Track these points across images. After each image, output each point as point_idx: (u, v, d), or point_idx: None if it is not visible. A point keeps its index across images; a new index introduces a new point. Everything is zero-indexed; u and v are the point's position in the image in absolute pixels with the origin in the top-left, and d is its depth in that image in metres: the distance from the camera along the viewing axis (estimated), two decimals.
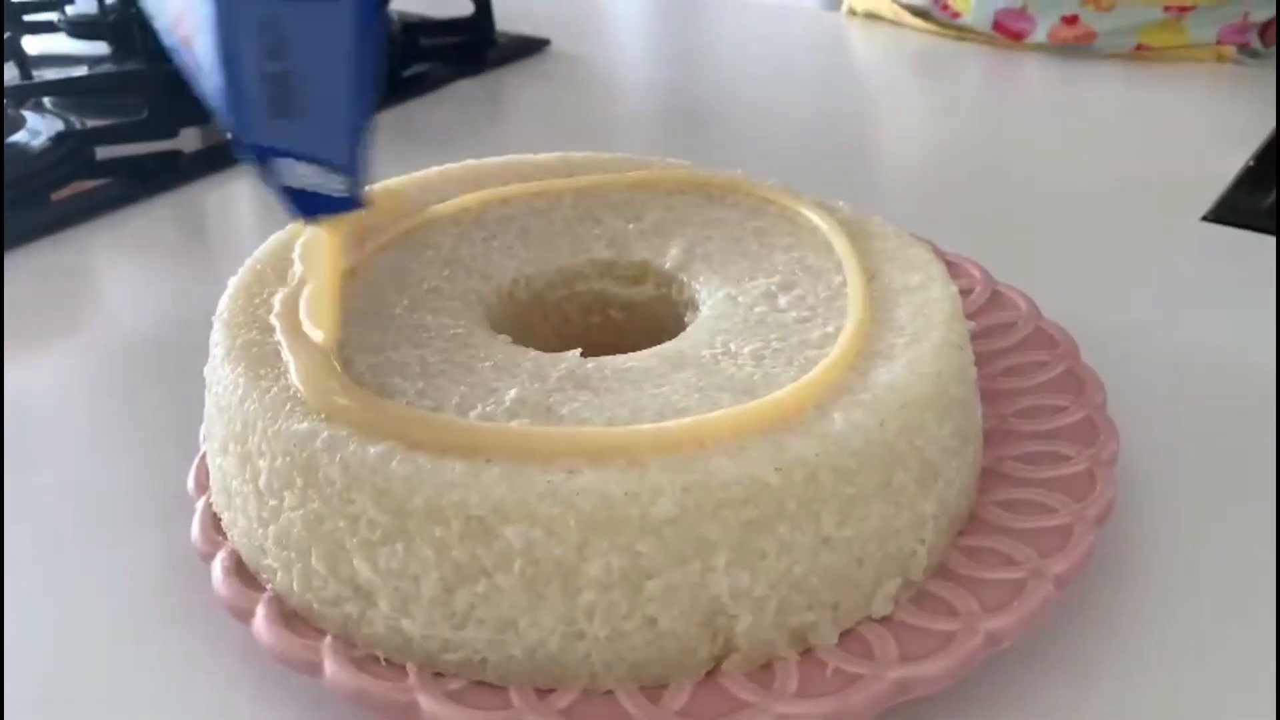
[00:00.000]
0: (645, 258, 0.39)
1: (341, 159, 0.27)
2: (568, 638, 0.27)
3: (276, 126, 0.26)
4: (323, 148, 0.27)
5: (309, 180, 0.27)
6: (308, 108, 0.26)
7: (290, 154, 0.27)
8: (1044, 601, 0.28)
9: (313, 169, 0.27)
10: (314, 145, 0.27)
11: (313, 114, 0.26)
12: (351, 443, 0.27)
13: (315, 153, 0.27)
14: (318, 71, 0.26)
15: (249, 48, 0.25)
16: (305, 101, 0.26)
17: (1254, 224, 0.52)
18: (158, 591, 0.34)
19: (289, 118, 0.26)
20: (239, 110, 0.26)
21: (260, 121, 0.26)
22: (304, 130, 0.26)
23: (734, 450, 0.27)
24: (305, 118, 0.26)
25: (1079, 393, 0.36)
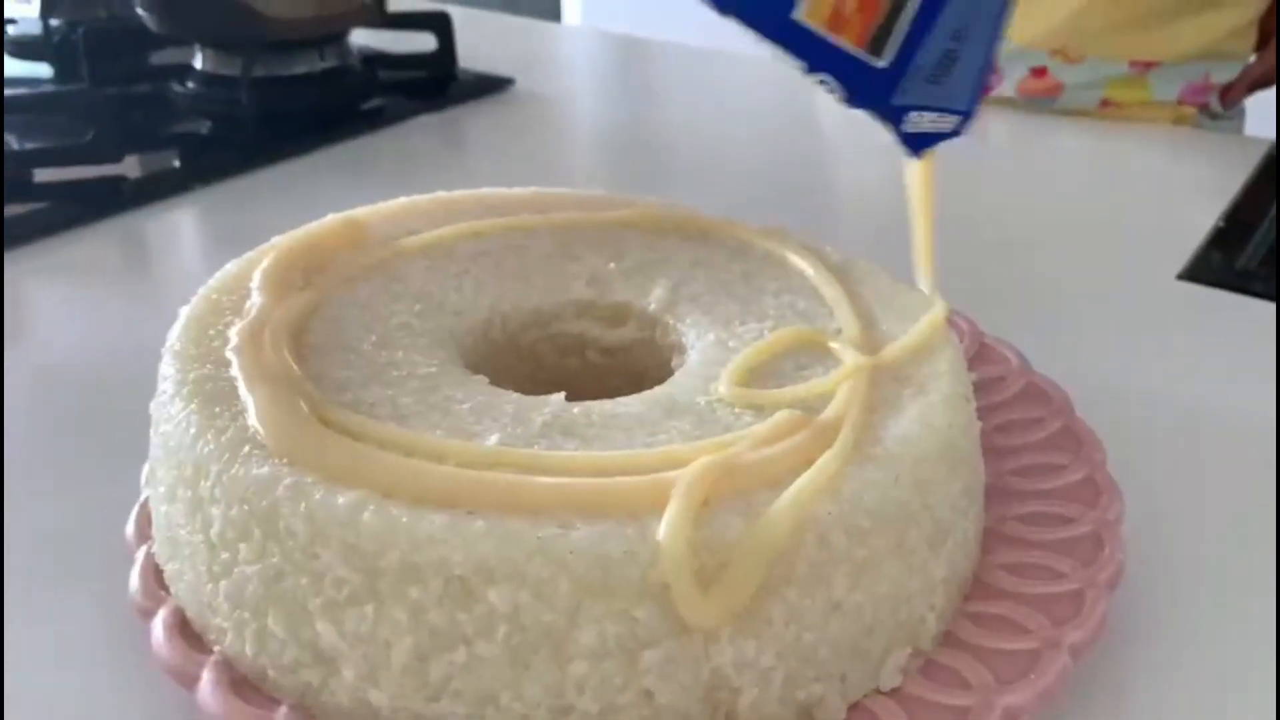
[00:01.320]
0: (627, 298, 0.37)
1: (965, 108, 0.34)
2: (555, 713, 0.24)
3: (927, 89, 0.32)
4: (953, 102, 0.33)
5: (927, 124, 0.33)
6: (958, 75, 0.33)
7: (924, 108, 0.33)
8: (1061, 674, 0.27)
9: (934, 115, 0.33)
10: (946, 100, 0.33)
11: (959, 78, 0.33)
12: (318, 490, 0.25)
13: (945, 105, 0.33)
14: (974, 48, 0.33)
15: (946, 32, 0.32)
16: (959, 70, 0.32)
17: (1227, 284, 0.52)
18: (90, 651, 0.30)
19: (939, 83, 0.32)
20: (901, 80, 0.32)
21: (916, 87, 0.32)
22: (945, 91, 0.33)
23: (741, 507, 0.25)
24: (952, 82, 0.33)
25: (1077, 451, 0.35)
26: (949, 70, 0.32)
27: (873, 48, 0.31)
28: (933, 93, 0.33)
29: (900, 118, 0.33)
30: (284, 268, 0.34)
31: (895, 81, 0.32)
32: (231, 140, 0.70)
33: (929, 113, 0.33)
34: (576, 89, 0.91)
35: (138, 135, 0.69)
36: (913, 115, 0.33)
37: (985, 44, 0.33)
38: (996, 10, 0.33)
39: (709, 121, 0.80)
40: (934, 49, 0.32)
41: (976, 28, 0.32)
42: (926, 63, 0.32)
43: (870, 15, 0.31)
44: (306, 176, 0.67)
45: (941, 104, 0.33)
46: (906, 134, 0.34)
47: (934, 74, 0.32)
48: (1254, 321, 0.49)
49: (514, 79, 0.82)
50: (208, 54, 0.75)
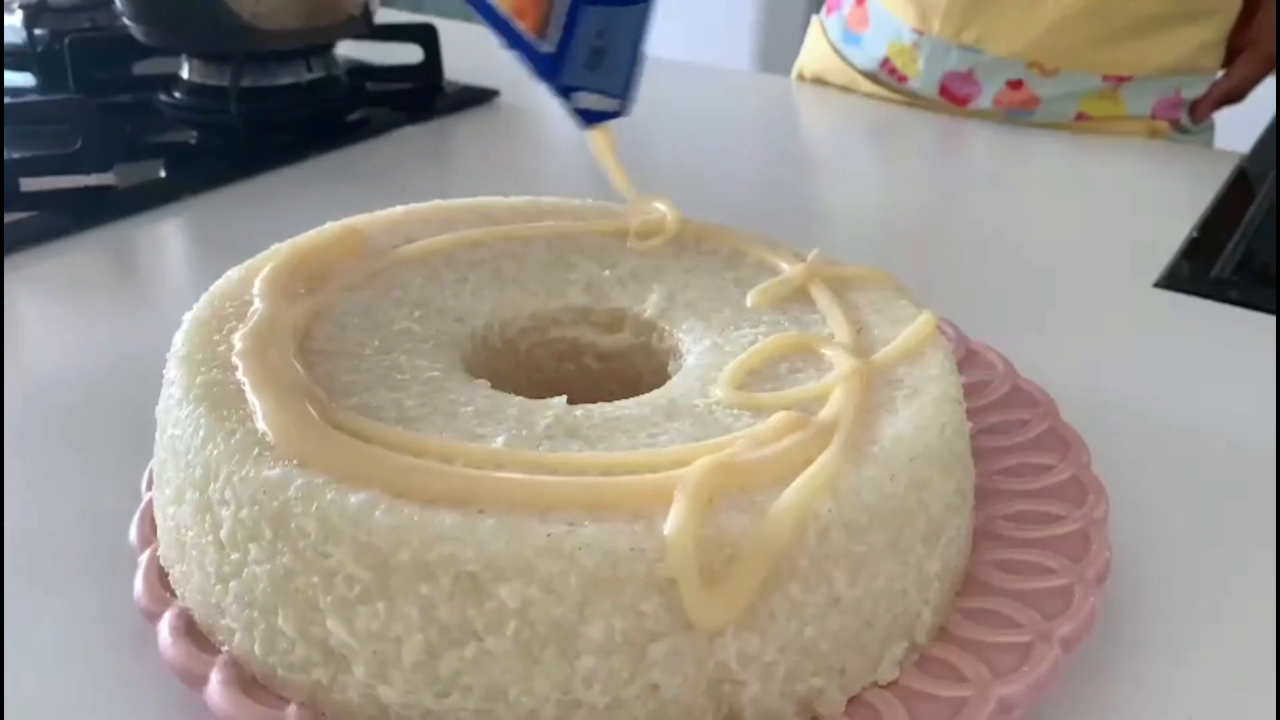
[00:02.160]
0: (623, 305, 0.37)
1: (620, 93, 0.41)
2: (563, 707, 0.25)
3: (587, 74, 0.40)
4: (610, 86, 0.41)
5: (592, 103, 0.41)
6: (609, 65, 0.40)
7: (588, 89, 0.40)
8: (1052, 666, 0.27)
9: (598, 97, 0.41)
10: (605, 85, 0.41)
11: (610, 69, 0.40)
12: (329, 491, 0.25)
13: (605, 88, 0.41)
14: (619, 46, 0.41)
15: (588, 31, 0.39)
16: (608, 62, 0.40)
17: (1201, 292, 0.53)
18: (96, 655, 0.31)
19: (596, 71, 0.40)
20: (564, 65, 0.39)
21: (578, 71, 0.40)
22: (602, 77, 0.40)
23: (745, 504, 0.25)
24: (605, 70, 0.40)
25: (1064, 452, 0.36)
26: (600, 60, 0.40)
27: (540, 34, 0.39)
28: (591, 77, 0.40)
29: (569, 94, 0.40)
30: (286, 275, 0.34)
31: (560, 65, 0.39)
32: (219, 150, 0.71)
33: (591, 93, 0.40)
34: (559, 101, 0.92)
35: (125, 145, 0.69)
36: (579, 94, 0.40)
37: (629, 45, 0.41)
38: (634, 23, 0.41)
39: (689, 133, 0.81)
40: (584, 42, 0.39)
41: (618, 32, 0.40)
42: (580, 52, 0.39)
43: (538, 6, 0.39)
44: (294, 186, 0.67)
45: (601, 87, 0.40)
46: (577, 109, 0.41)
47: (589, 61, 0.40)
48: (1229, 327, 0.50)
49: (499, 91, 0.83)
50: (194, 64, 0.75)
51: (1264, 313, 0.51)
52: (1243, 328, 0.50)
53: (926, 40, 0.78)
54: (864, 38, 0.83)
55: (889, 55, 0.81)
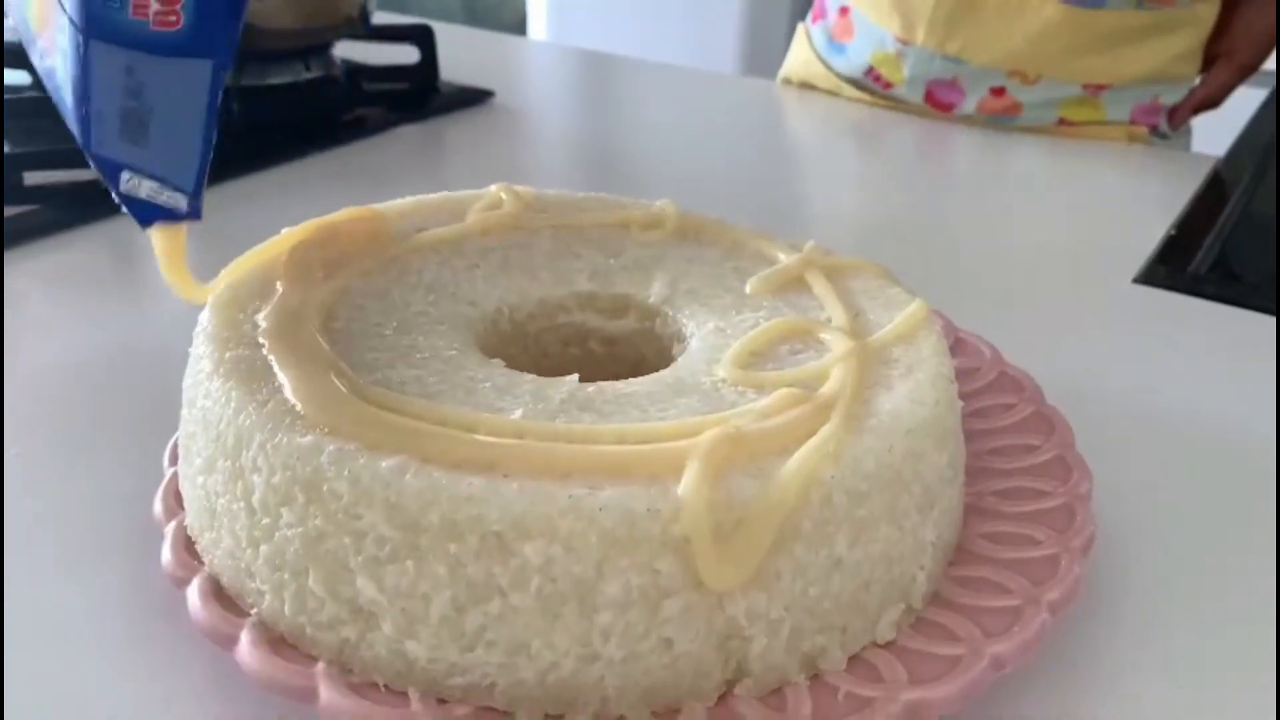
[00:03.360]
0: (627, 291, 0.39)
1: (187, 186, 0.32)
2: (582, 660, 0.26)
3: (128, 149, 0.30)
4: (172, 174, 0.31)
5: (151, 193, 0.31)
6: (159, 139, 0.30)
7: (135, 169, 0.31)
8: (1041, 627, 0.29)
9: (156, 184, 0.31)
10: (162, 169, 0.31)
11: (163, 145, 0.31)
12: (361, 456, 0.26)
13: (164, 175, 0.31)
14: (171, 113, 0.30)
15: (112, 83, 0.29)
16: (158, 134, 0.30)
17: (1178, 287, 0.56)
18: (126, 623, 0.32)
19: (140, 145, 0.30)
20: (90, 128, 0.30)
21: (112, 140, 0.30)
22: (153, 157, 0.31)
23: (753, 471, 0.27)
24: (155, 148, 0.31)
25: (1049, 433, 0.38)
26: (144, 131, 0.30)
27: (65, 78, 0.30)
28: (139, 155, 0.30)
29: (114, 173, 0.31)
30: (306, 259, 0.36)
31: (87, 125, 0.30)
32: (219, 148, 0.72)
33: (147, 179, 0.31)
34: (552, 102, 0.94)
35: None
36: (127, 176, 0.31)
37: (186, 117, 0.30)
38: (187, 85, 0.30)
39: (678, 131, 0.83)
40: (108, 99, 0.30)
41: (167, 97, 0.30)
42: (108, 112, 0.30)
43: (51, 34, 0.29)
44: (292, 183, 0.68)
45: (155, 171, 0.31)
46: (124, 195, 0.31)
47: (125, 129, 0.30)
48: (1204, 322, 0.52)
49: (494, 91, 0.84)
50: None
51: (1237, 307, 0.53)
52: (1217, 322, 0.52)
53: (911, 50, 0.80)
54: (848, 47, 0.85)
55: (873, 64, 0.83)
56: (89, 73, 0.29)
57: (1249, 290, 0.55)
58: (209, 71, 0.30)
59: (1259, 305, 0.53)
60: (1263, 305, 0.53)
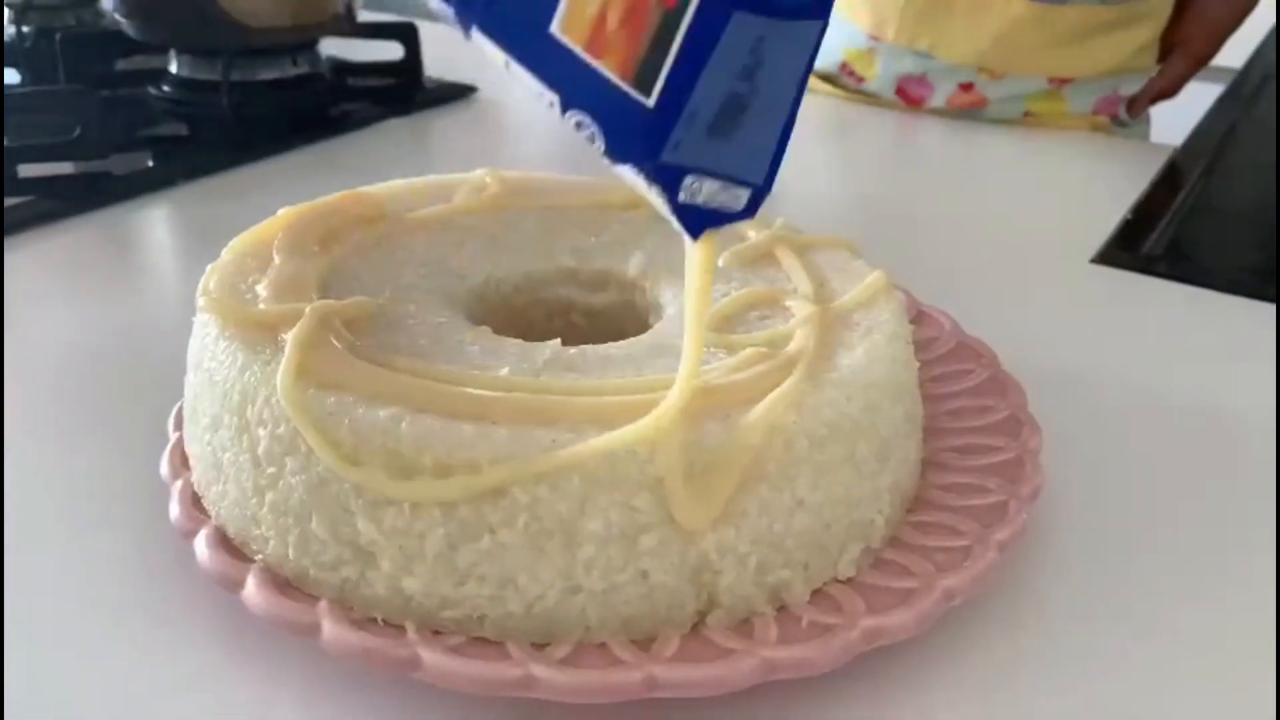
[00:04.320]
0: (608, 266, 0.41)
1: (759, 179, 0.26)
2: (565, 592, 0.28)
3: (707, 147, 0.25)
4: (742, 168, 0.26)
5: (708, 197, 0.26)
6: (746, 130, 0.25)
7: (704, 171, 0.25)
8: (990, 564, 0.31)
9: (717, 185, 0.25)
10: (734, 166, 0.25)
11: (747, 136, 0.25)
12: (360, 407, 0.29)
13: (733, 172, 0.25)
14: (771, 95, 0.25)
15: (730, 65, 0.24)
16: (747, 124, 0.25)
17: (1133, 267, 0.58)
18: (136, 575, 0.34)
19: (725, 138, 0.25)
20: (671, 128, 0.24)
21: (694, 142, 0.24)
22: (731, 151, 0.25)
23: (721, 418, 0.29)
24: (739, 139, 0.25)
25: (1003, 395, 0.40)
26: (736, 121, 0.25)
27: (639, 79, 0.24)
28: (716, 152, 0.25)
29: (674, 181, 0.25)
30: (302, 235, 0.38)
31: (666, 129, 0.24)
32: (208, 141, 0.74)
33: (711, 180, 0.25)
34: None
35: (117, 137, 0.72)
36: (690, 180, 0.25)
37: (784, 100, 0.25)
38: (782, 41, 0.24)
39: None
40: (715, 87, 0.24)
41: (773, 73, 0.24)
42: (705, 106, 0.24)
43: (637, 36, 0.23)
44: (280, 175, 0.70)
45: (727, 169, 0.25)
46: (681, 205, 0.25)
47: (716, 123, 0.24)
48: (1156, 298, 0.55)
49: (476, 87, 0.86)
50: (183, 59, 0.78)
51: (1187, 285, 0.56)
52: (1168, 299, 0.55)
53: (882, 46, 0.83)
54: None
55: (846, 59, 0.86)
56: (710, 57, 0.23)
57: (1199, 270, 0.58)
58: (818, 34, 0.25)
59: (1207, 283, 0.56)
60: (1211, 283, 0.56)
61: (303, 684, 0.30)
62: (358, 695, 0.30)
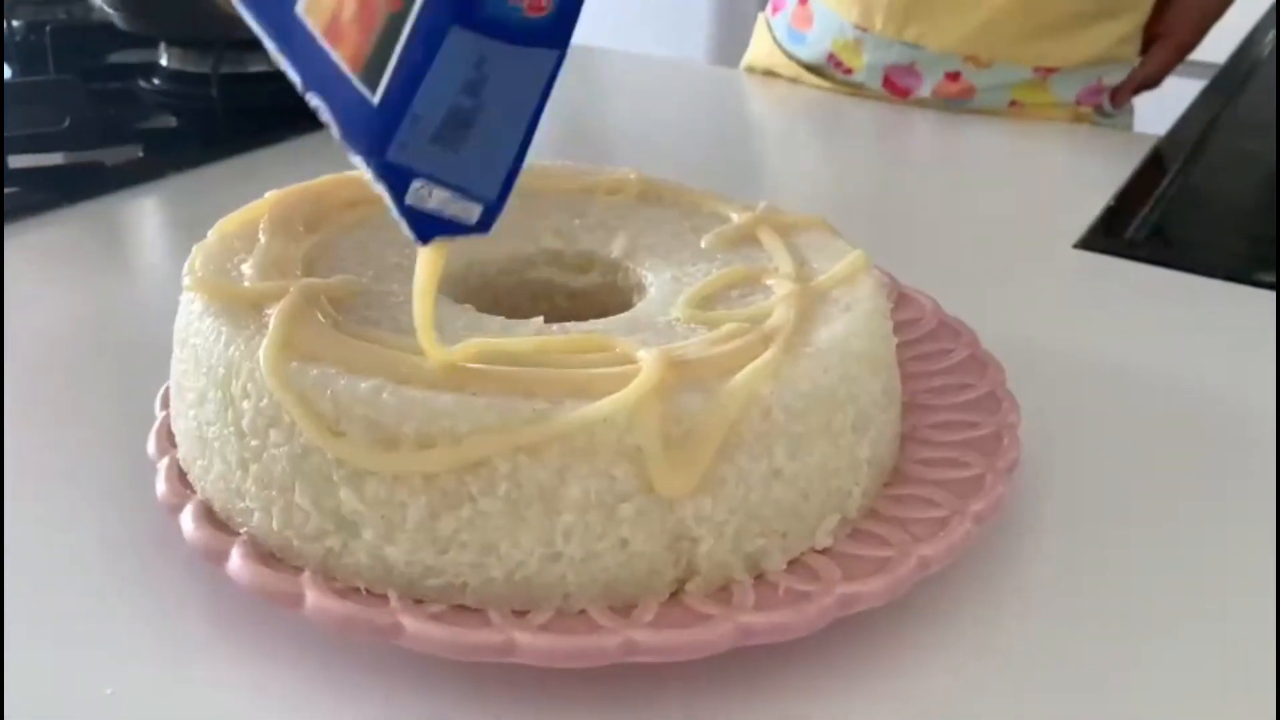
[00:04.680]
0: (591, 248, 0.41)
1: (491, 195, 0.27)
2: (546, 559, 0.29)
3: (434, 154, 0.26)
4: (474, 182, 0.27)
5: (437, 204, 0.27)
6: (474, 144, 0.26)
7: (433, 179, 0.26)
8: (966, 534, 0.32)
9: (447, 194, 0.27)
10: (464, 178, 0.27)
11: (476, 150, 0.26)
12: (342, 379, 0.29)
13: (464, 184, 0.27)
14: (502, 115, 0.26)
15: (451, 78, 0.25)
16: (475, 138, 0.26)
17: (1116, 251, 0.59)
18: (123, 550, 0.34)
19: (452, 149, 0.26)
20: (394, 133, 0.25)
21: (416, 145, 0.26)
22: (460, 163, 0.26)
23: (699, 389, 0.30)
24: (467, 152, 0.26)
25: (982, 373, 0.41)
26: (462, 134, 0.26)
27: (366, 76, 0.25)
28: (443, 161, 0.26)
29: (401, 182, 0.26)
30: (288, 215, 0.38)
31: (390, 128, 0.25)
32: (198, 133, 0.74)
33: (441, 188, 0.27)
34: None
35: (107, 130, 0.72)
36: (418, 184, 0.26)
37: (517, 121, 0.26)
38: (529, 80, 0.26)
39: (646, 118, 0.85)
40: (438, 96, 0.25)
41: (502, 93, 0.26)
42: (428, 112, 0.25)
43: (366, 31, 0.25)
44: (271, 165, 0.71)
45: (457, 180, 0.26)
46: (409, 209, 0.27)
47: (441, 132, 0.26)
48: (1138, 282, 0.56)
49: None
50: (173, 52, 0.79)
51: (1167, 269, 0.56)
52: (1148, 282, 0.56)
53: (869, 37, 0.84)
54: (808, 35, 0.88)
55: (834, 50, 0.87)
56: (430, 66, 0.25)
57: (1180, 254, 0.59)
58: (553, 63, 0.26)
59: (1188, 267, 0.56)
60: (1192, 268, 0.56)
61: (288, 654, 0.30)
62: (343, 663, 0.30)
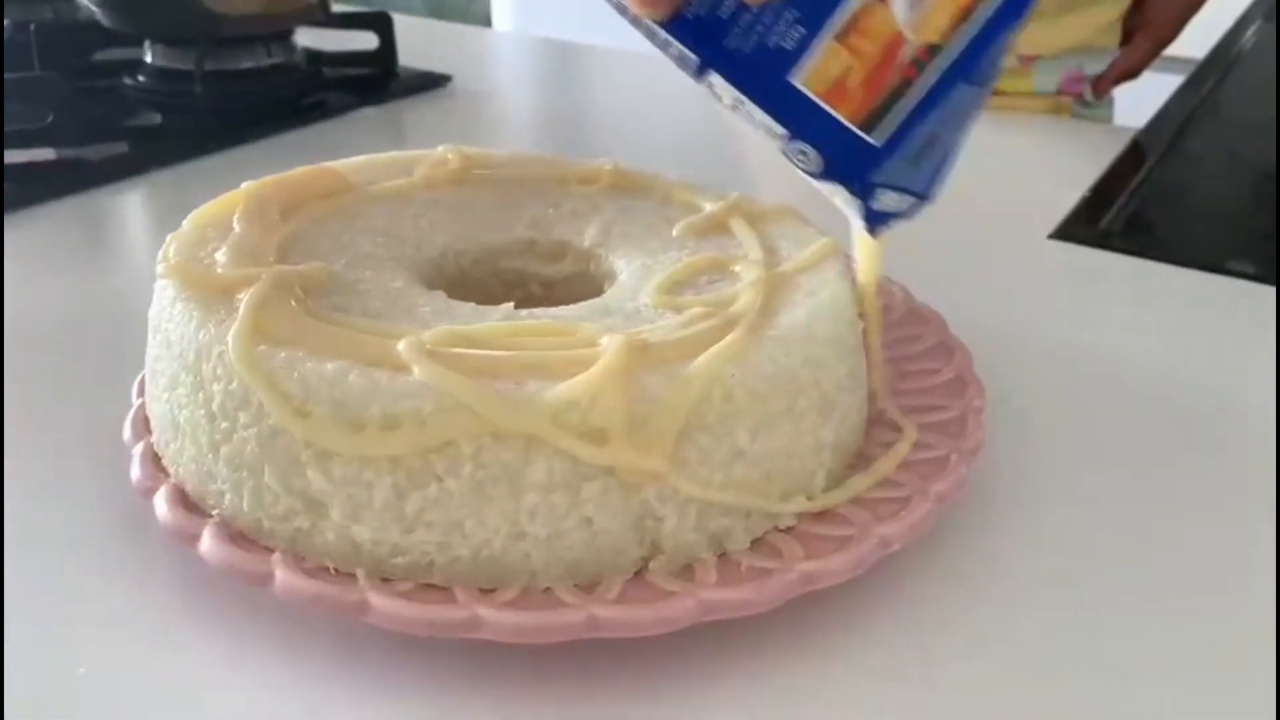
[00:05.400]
0: (565, 237, 0.42)
1: (924, 191, 0.35)
2: (511, 538, 0.29)
3: (904, 170, 0.34)
4: (920, 185, 0.35)
5: (889, 203, 0.35)
6: (930, 159, 0.34)
7: (894, 187, 0.34)
8: (926, 513, 0.32)
9: (898, 195, 0.34)
10: (913, 182, 0.34)
11: (929, 163, 0.34)
12: (309, 361, 0.29)
13: (913, 187, 0.34)
14: (950, 137, 0.34)
15: (941, 117, 0.33)
16: (931, 155, 0.34)
17: (1090, 242, 0.59)
18: (99, 534, 0.35)
19: (916, 166, 0.34)
20: (886, 159, 0.33)
21: (898, 167, 0.33)
22: (917, 173, 0.34)
23: (662, 371, 0.30)
24: (924, 166, 0.34)
25: (950, 358, 0.41)
26: (929, 153, 0.34)
27: (866, 124, 0.33)
28: (907, 174, 0.34)
29: (872, 195, 0.34)
30: (263, 204, 0.39)
31: (880, 160, 0.33)
32: (183, 130, 0.74)
33: (895, 192, 0.34)
34: (510, 86, 0.97)
35: (92, 127, 0.72)
36: (880, 193, 0.34)
37: (959, 132, 0.34)
38: (975, 101, 0.34)
39: (632, 113, 0.86)
40: (924, 133, 0.33)
41: (958, 116, 0.34)
42: (913, 146, 0.33)
43: (873, 93, 0.32)
44: (255, 161, 0.71)
45: (909, 185, 0.34)
46: (872, 210, 0.35)
47: (915, 157, 0.33)
48: (1112, 271, 0.56)
49: (451, 76, 0.87)
50: (158, 50, 0.79)
51: (1141, 258, 0.57)
52: (1123, 272, 0.56)
53: None
54: None
55: None
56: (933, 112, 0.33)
57: (1156, 244, 0.59)
58: (982, 96, 0.34)
59: (1163, 257, 0.57)
60: (1167, 257, 0.57)
61: (260, 633, 0.31)
62: (314, 642, 0.30)
